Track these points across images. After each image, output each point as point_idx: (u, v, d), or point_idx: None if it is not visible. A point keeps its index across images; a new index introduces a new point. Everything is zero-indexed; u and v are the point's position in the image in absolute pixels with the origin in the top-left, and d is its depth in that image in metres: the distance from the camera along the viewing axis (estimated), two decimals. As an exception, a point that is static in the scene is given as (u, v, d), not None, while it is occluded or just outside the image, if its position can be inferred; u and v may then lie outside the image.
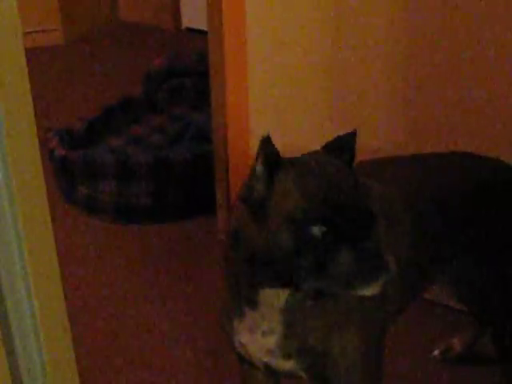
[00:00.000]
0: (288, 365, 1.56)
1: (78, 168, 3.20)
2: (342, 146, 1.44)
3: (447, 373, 2.35)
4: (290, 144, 2.48)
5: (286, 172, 1.35)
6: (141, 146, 3.42)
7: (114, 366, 2.41)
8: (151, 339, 2.53)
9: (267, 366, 1.59)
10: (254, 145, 2.65)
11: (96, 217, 3.23)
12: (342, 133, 1.46)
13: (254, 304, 1.47)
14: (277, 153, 1.35)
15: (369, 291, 1.34)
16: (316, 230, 1.30)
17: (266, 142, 1.33)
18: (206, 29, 2.69)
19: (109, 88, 4.36)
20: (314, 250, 1.31)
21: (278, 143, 1.38)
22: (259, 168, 1.35)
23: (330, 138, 1.46)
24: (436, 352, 2.39)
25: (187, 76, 3.81)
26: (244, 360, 1.67)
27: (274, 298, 1.45)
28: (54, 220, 1.20)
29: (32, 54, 2.84)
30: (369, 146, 2.34)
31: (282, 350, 1.53)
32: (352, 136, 1.45)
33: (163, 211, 3.20)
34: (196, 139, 3.34)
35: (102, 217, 3.22)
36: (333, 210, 1.31)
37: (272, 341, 1.52)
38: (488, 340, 2.12)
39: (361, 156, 1.60)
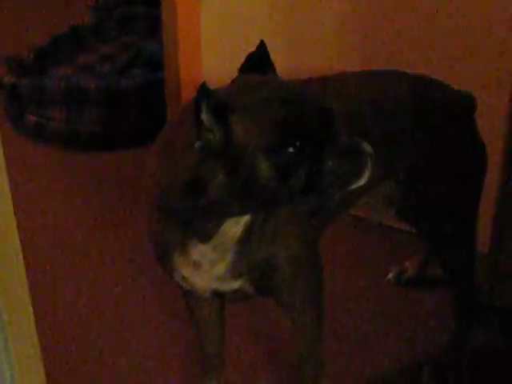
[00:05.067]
0: (237, 284, 1.57)
1: (27, 95, 3.15)
2: (260, 62, 1.41)
3: (401, 296, 2.38)
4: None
5: (238, 111, 1.30)
6: (90, 75, 3.36)
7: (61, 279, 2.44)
8: (101, 266, 2.53)
9: (215, 291, 1.60)
10: (206, 70, 2.63)
11: (45, 144, 3.19)
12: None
13: (208, 237, 1.45)
14: (219, 99, 1.29)
15: (362, 181, 1.35)
16: (292, 150, 1.29)
17: (204, 90, 1.27)
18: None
19: (58, 16, 4.25)
20: (298, 167, 1.30)
21: (232, 69, 1.35)
22: (207, 118, 1.28)
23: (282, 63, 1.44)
24: (390, 275, 2.43)
25: (137, 4, 3.75)
26: (187, 291, 1.68)
27: (234, 226, 1.44)
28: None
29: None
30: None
31: (231, 273, 1.54)
32: (263, 48, 1.42)
33: (114, 139, 3.17)
34: (147, 67, 3.29)
35: (52, 144, 3.18)
36: (298, 125, 1.30)
37: (222, 268, 1.53)
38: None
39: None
